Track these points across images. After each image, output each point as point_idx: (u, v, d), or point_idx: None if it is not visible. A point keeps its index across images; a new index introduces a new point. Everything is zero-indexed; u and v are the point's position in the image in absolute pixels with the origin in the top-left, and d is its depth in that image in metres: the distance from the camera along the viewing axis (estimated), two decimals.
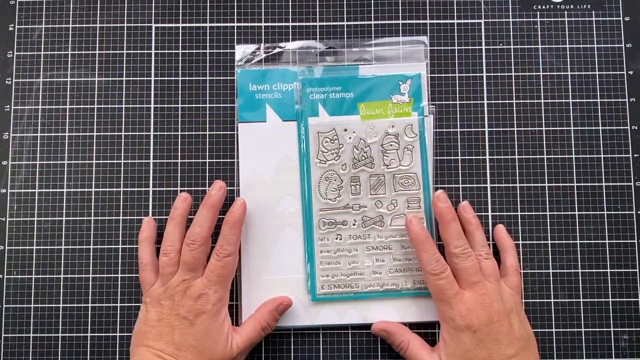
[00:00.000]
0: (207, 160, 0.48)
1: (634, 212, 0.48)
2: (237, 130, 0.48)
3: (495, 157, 0.48)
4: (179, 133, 0.49)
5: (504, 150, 0.48)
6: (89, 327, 0.47)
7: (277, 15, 0.50)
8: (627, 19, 0.50)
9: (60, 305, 0.47)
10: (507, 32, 0.50)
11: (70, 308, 0.47)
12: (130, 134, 0.49)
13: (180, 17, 0.50)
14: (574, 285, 0.47)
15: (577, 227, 0.48)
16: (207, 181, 0.48)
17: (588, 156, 0.48)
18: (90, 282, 0.47)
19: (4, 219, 0.48)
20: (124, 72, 0.49)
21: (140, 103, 0.49)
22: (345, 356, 0.47)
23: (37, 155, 0.49)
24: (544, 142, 0.49)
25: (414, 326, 0.47)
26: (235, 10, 0.50)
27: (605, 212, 0.48)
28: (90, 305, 0.47)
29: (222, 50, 0.50)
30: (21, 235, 0.48)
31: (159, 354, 0.42)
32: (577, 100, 0.49)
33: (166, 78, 0.49)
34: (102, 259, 0.48)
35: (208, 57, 0.50)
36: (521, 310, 0.44)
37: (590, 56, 0.49)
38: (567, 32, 0.50)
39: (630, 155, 0.48)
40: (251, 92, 0.48)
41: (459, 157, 0.48)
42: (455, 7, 0.50)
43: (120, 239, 0.48)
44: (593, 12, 0.50)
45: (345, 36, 0.50)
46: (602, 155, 0.48)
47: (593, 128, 0.49)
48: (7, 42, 0.50)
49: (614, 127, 0.49)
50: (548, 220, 0.48)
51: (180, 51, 0.50)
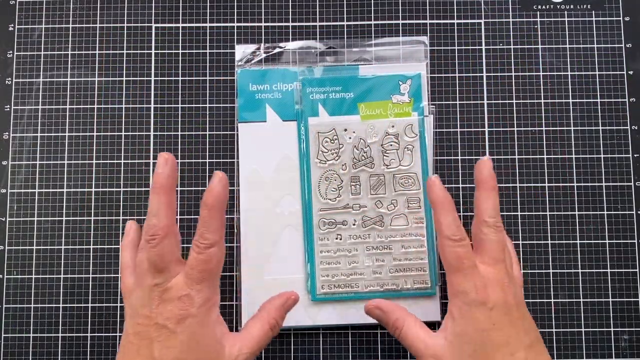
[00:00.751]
0: (207, 160, 0.48)
1: (634, 212, 0.48)
2: (237, 130, 0.48)
3: (495, 157, 0.48)
4: (179, 133, 0.49)
5: (504, 150, 0.48)
6: (89, 327, 0.47)
7: (277, 15, 0.50)
8: (627, 19, 0.50)
9: (60, 305, 0.47)
10: (507, 32, 0.50)
11: (70, 308, 0.47)
12: (130, 134, 0.49)
13: (180, 17, 0.50)
14: (574, 285, 0.47)
15: (577, 227, 0.48)
16: (207, 181, 0.48)
17: (588, 156, 0.48)
18: (90, 282, 0.47)
19: (4, 219, 0.48)
20: (124, 72, 0.49)
21: (140, 103, 0.49)
22: (345, 356, 0.47)
23: (37, 155, 0.49)
24: (544, 142, 0.49)
25: None
26: (235, 10, 0.50)
27: (605, 212, 0.48)
28: (90, 305, 0.47)
29: (222, 50, 0.50)
30: (21, 235, 0.48)
31: None
32: (577, 100, 0.49)
33: (166, 78, 0.49)
34: (102, 259, 0.48)
35: (208, 57, 0.50)
36: (524, 303, 0.40)
37: (590, 56, 0.49)
38: (567, 32, 0.50)
39: (630, 155, 0.48)
40: (251, 92, 0.48)
41: (459, 157, 0.48)
42: (455, 7, 0.50)
43: (120, 239, 0.48)
44: (593, 12, 0.50)
45: (345, 36, 0.50)
46: (602, 155, 0.48)
47: (593, 128, 0.49)
48: (7, 42, 0.50)
49: (614, 127, 0.49)
50: (548, 220, 0.48)
51: (180, 51, 0.50)
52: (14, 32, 0.50)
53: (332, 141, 0.47)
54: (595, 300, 0.47)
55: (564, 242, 0.48)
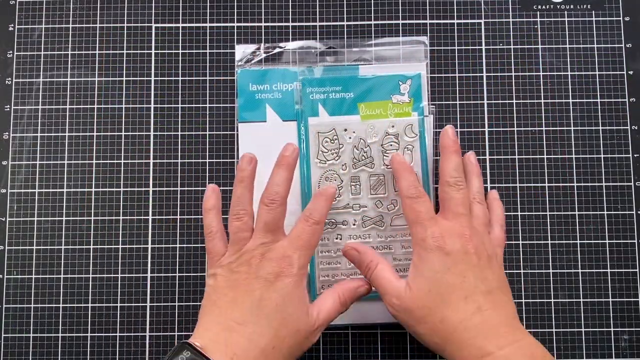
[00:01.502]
0: (207, 160, 0.48)
1: (634, 212, 0.48)
2: (237, 130, 0.48)
3: (495, 157, 0.48)
4: (179, 133, 0.49)
5: (504, 150, 0.48)
6: (89, 327, 0.47)
7: (277, 15, 0.50)
8: (627, 19, 0.50)
9: (60, 305, 0.47)
10: (507, 32, 0.50)
11: (70, 308, 0.47)
12: (130, 134, 0.49)
13: (180, 17, 0.50)
14: (574, 285, 0.47)
15: (577, 227, 0.48)
16: (207, 181, 0.48)
17: (588, 156, 0.48)
18: (90, 282, 0.47)
19: (4, 219, 0.48)
20: (124, 72, 0.49)
21: (140, 103, 0.49)
22: (346, 356, 0.47)
23: (37, 155, 0.49)
24: (544, 142, 0.49)
25: None
26: (235, 10, 0.50)
27: (605, 212, 0.48)
28: (90, 305, 0.47)
29: (222, 50, 0.50)
30: (21, 235, 0.48)
31: (229, 324, 0.37)
32: (577, 100, 0.49)
33: (166, 78, 0.49)
34: (102, 259, 0.48)
35: (208, 57, 0.50)
36: (501, 264, 0.42)
37: (590, 56, 0.49)
38: (567, 32, 0.50)
39: (630, 155, 0.48)
40: (251, 92, 0.48)
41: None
42: (455, 7, 0.50)
43: (120, 239, 0.48)
44: (593, 12, 0.50)
45: (345, 36, 0.50)
46: (602, 155, 0.48)
47: (593, 128, 0.49)
48: (7, 42, 0.50)
49: (614, 127, 0.49)
50: (548, 220, 0.48)
51: (180, 51, 0.50)
52: (14, 32, 0.50)
53: (332, 141, 0.47)
54: (595, 300, 0.47)
55: (564, 242, 0.48)
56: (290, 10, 0.50)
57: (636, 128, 0.49)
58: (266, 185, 0.42)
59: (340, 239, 0.46)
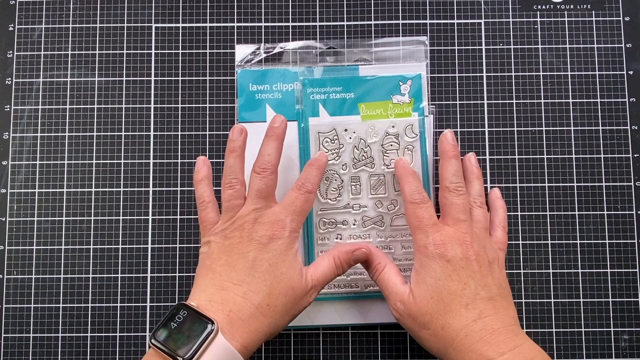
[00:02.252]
0: None
1: (634, 212, 0.48)
2: None
3: (495, 157, 0.48)
4: (179, 133, 0.49)
5: (504, 150, 0.48)
6: (89, 327, 0.47)
7: (277, 15, 0.50)
8: (627, 19, 0.50)
9: (60, 305, 0.47)
10: (507, 32, 0.50)
11: (70, 308, 0.47)
12: (130, 134, 0.49)
13: (180, 17, 0.50)
14: (574, 285, 0.47)
15: (577, 227, 0.48)
16: None
17: (588, 156, 0.48)
18: (90, 282, 0.47)
19: (4, 219, 0.48)
20: (124, 72, 0.49)
21: (140, 103, 0.49)
22: (345, 356, 0.47)
23: (37, 155, 0.49)
24: (544, 142, 0.49)
25: None
26: (235, 10, 0.50)
27: (605, 212, 0.48)
28: (90, 305, 0.47)
29: (222, 50, 0.50)
30: (21, 235, 0.48)
31: (225, 284, 0.38)
32: (577, 100, 0.49)
33: (166, 78, 0.49)
34: (102, 259, 0.48)
35: (208, 57, 0.50)
36: (503, 267, 0.42)
37: (590, 56, 0.49)
38: (567, 32, 0.50)
39: (630, 155, 0.48)
40: (251, 92, 0.48)
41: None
42: (455, 7, 0.50)
43: (120, 239, 0.48)
44: (593, 12, 0.50)
45: (345, 36, 0.50)
46: (602, 155, 0.48)
47: (593, 128, 0.49)
48: (7, 42, 0.50)
49: (614, 127, 0.49)
50: (548, 220, 0.48)
51: (180, 51, 0.50)
52: (14, 32, 0.50)
53: (333, 141, 0.47)
54: (595, 300, 0.47)
55: (564, 242, 0.48)
56: (290, 10, 0.50)
57: (636, 128, 0.49)
58: (257, 155, 0.43)
59: (341, 239, 0.46)
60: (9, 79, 0.49)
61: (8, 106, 0.49)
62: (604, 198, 0.48)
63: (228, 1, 0.50)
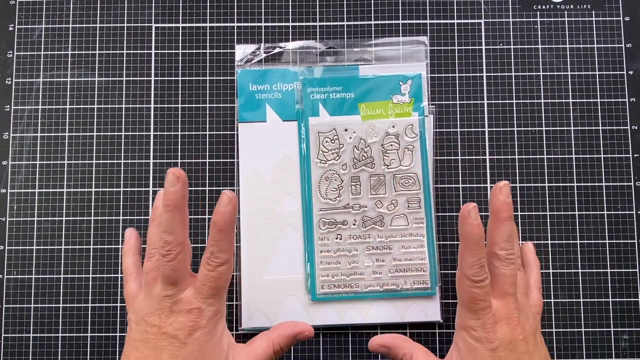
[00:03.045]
0: (207, 160, 0.48)
1: (634, 212, 0.48)
2: (237, 130, 0.48)
3: (495, 157, 0.48)
4: (179, 133, 0.49)
5: (504, 150, 0.48)
6: (89, 327, 0.47)
7: (277, 15, 0.50)
8: (627, 19, 0.50)
9: (60, 305, 0.47)
10: (507, 32, 0.50)
11: (70, 308, 0.47)
12: (130, 134, 0.49)
13: (180, 17, 0.50)
14: (574, 285, 0.47)
15: (577, 227, 0.48)
16: (207, 181, 0.48)
17: (588, 156, 0.48)
18: (90, 282, 0.47)
19: (4, 219, 0.48)
20: (124, 72, 0.49)
21: (140, 103, 0.49)
22: (345, 356, 0.47)
23: (37, 155, 0.49)
24: (544, 142, 0.49)
25: (414, 326, 0.47)
26: (235, 10, 0.50)
27: (605, 212, 0.48)
28: (90, 305, 0.47)
29: (222, 50, 0.50)
30: (21, 235, 0.48)
31: None
32: (577, 100, 0.49)
33: (166, 78, 0.49)
34: (102, 259, 0.48)
35: (208, 57, 0.50)
36: (540, 330, 0.40)
37: (590, 56, 0.49)
38: (567, 32, 0.50)
39: (630, 155, 0.48)
40: (251, 92, 0.48)
41: (459, 157, 0.48)
42: (455, 7, 0.50)
43: (120, 239, 0.48)
44: (593, 12, 0.50)
45: (345, 36, 0.50)
46: (602, 155, 0.48)
47: (593, 128, 0.49)
48: (7, 42, 0.50)
49: (614, 127, 0.49)
50: (548, 220, 0.48)
51: (180, 51, 0.50)
52: (14, 32, 0.50)
53: (333, 141, 0.47)
54: (595, 300, 0.47)
55: (564, 242, 0.48)
56: (290, 10, 0.50)
57: (636, 128, 0.49)
58: (160, 233, 0.38)
59: (340, 239, 0.46)
60: (9, 79, 0.49)
61: (8, 106, 0.49)
62: (604, 198, 0.48)
63: (228, 1, 0.50)
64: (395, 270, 0.46)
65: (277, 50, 0.49)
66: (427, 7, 0.50)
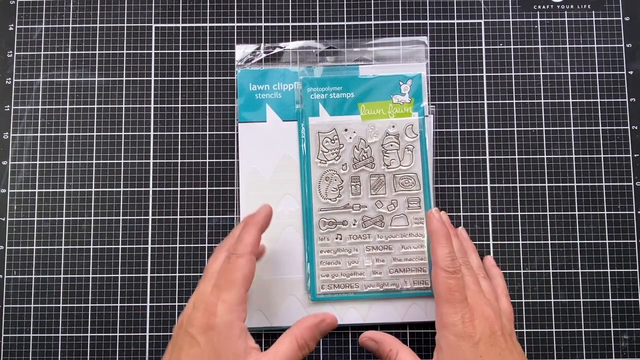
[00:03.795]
0: (207, 160, 0.48)
1: (634, 212, 0.48)
2: (237, 130, 0.48)
3: (495, 157, 0.48)
4: (179, 133, 0.49)
5: (504, 150, 0.48)
6: (89, 327, 0.47)
7: (277, 15, 0.50)
8: (627, 19, 0.50)
9: (60, 305, 0.47)
10: (507, 32, 0.50)
11: (70, 308, 0.47)
12: (130, 134, 0.49)
13: (180, 17, 0.50)
14: (574, 285, 0.47)
15: (577, 227, 0.48)
16: (207, 181, 0.48)
17: (588, 156, 0.48)
18: (90, 282, 0.47)
19: (4, 219, 0.48)
20: (124, 72, 0.49)
21: (140, 103, 0.49)
22: (346, 356, 0.47)
23: (37, 155, 0.49)
24: (544, 142, 0.49)
25: (414, 326, 0.47)
26: (235, 10, 0.50)
27: (605, 212, 0.48)
28: (90, 305, 0.47)
29: (222, 50, 0.50)
30: (21, 235, 0.48)
31: None
32: (577, 100, 0.49)
33: (166, 78, 0.49)
34: (102, 259, 0.48)
35: (208, 57, 0.50)
36: (515, 336, 0.41)
37: (590, 56, 0.49)
38: (567, 32, 0.50)
39: (630, 155, 0.48)
40: (251, 92, 0.48)
41: (459, 157, 0.48)
42: (455, 7, 0.50)
43: (120, 239, 0.48)
44: (593, 12, 0.50)
45: (345, 36, 0.49)
46: (602, 155, 0.48)
47: (593, 128, 0.49)
48: (7, 42, 0.50)
49: (614, 127, 0.49)
50: (548, 220, 0.48)
51: (180, 51, 0.50)
52: (14, 32, 0.50)
53: (333, 141, 0.47)
54: (595, 300, 0.47)
55: (564, 242, 0.48)
56: (290, 10, 0.50)
57: (636, 128, 0.49)
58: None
59: (340, 239, 0.46)
60: (9, 79, 0.49)
61: (8, 106, 0.49)
62: (604, 198, 0.48)
63: (228, 1, 0.50)
64: (395, 270, 0.46)
65: (277, 50, 0.49)
66: (427, 7, 0.50)
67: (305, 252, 0.47)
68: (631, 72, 0.49)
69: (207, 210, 0.48)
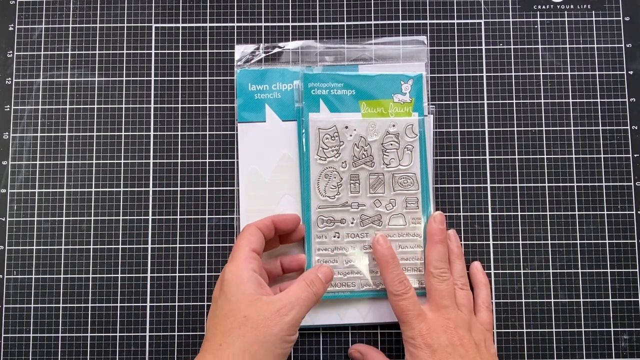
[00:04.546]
0: (207, 160, 0.48)
1: (634, 212, 0.48)
2: (237, 130, 0.48)
3: (495, 157, 0.48)
4: (179, 133, 0.49)
5: (504, 150, 0.48)
6: (89, 327, 0.47)
7: (277, 15, 0.50)
8: (627, 19, 0.50)
9: (60, 305, 0.47)
10: (507, 32, 0.50)
11: (70, 308, 0.47)
12: (130, 134, 0.49)
13: (180, 17, 0.50)
14: (574, 285, 0.47)
15: (577, 227, 0.48)
16: (207, 181, 0.48)
17: (588, 156, 0.48)
18: (90, 282, 0.47)
19: (4, 219, 0.48)
20: (124, 72, 0.49)
21: (140, 103, 0.49)
22: (345, 356, 0.47)
23: (37, 155, 0.49)
24: (544, 142, 0.49)
25: None
26: (235, 10, 0.50)
27: (605, 212, 0.48)
28: (90, 305, 0.47)
29: (222, 50, 0.50)
30: (21, 235, 0.48)
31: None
32: (577, 100, 0.49)
33: (166, 78, 0.49)
34: (102, 259, 0.48)
35: (208, 57, 0.50)
36: (491, 346, 0.43)
37: (590, 56, 0.49)
38: (567, 32, 0.50)
39: (630, 155, 0.48)
40: (251, 92, 0.48)
41: (459, 157, 0.48)
42: (455, 7, 0.50)
43: (120, 239, 0.48)
44: (593, 12, 0.50)
45: (345, 36, 0.49)
46: (602, 155, 0.48)
47: (593, 128, 0.49)
48: (7, 42, 0.50)
49: (614, 127, 0.49)
50: (548, 220, 0.48)
51: (180, 51, 0.50)
52: (14, 32, 0.50)
53: (333, 138, 0.47)
54: (595, 300, 0.47)
55: (564, 242, 0.48)
56: (290, 10, 0.50)
57: (636, 128, 0.49)
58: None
59: (338, 237, 0.46)
60: (9, 79, 0.49)
61: (8, 106, 0.49)
62: (604, 198, 0.48)
63: (228, 1, 0.50)
64: None
65: (276, 50, 0.49)
66: (427, 7, 0.50)
67: (304, 250, 0.47)
68: (631, 72, 0.49)
69: (207, 210, 0.48)
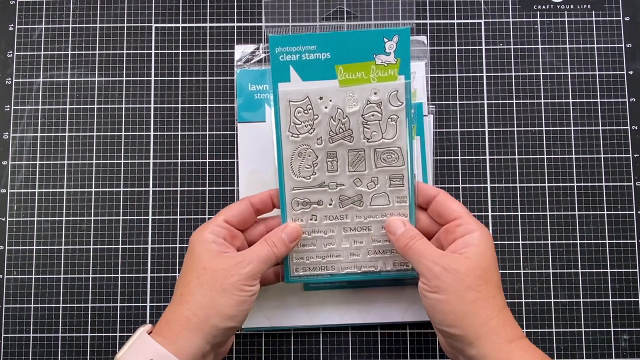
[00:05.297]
0: (207, 160, 0.48)
1: (634, 212, 0.48)
2: (237, 130, 0.48)
3: (495, 157, 0.48)
4: (179, 133, 0.49)
5: (504, 150, 0.48)
6: (89, 327, 0.47)
7: (276, 15, 0.50)
8: (627, 19, 0.50)
9: (60, 305, 0.47)
10: (507, 32, 0.50)
11: (70, 308, 0.47)
12: (130, 134, 0.49)
13: (180, 17, 0.50)
14: (574, 285, 0.47)
15: (577, 227, 0.48)
16: (207, 181, 0.48)
17: (588, 156, 0.48)
18: (90, 282, 0.47)
19: (4, 219, 0.48)
20: (124, 72, 0.49)
21: (140, 103, 0.49)
22: (346, 356, 0.47)
23: (37, 155, 0.49)
24: (544, 142, 0.49)
25: (414, 326, 0.47)
26: (235, 10, 0.50)
27: (605, 212, 0.48)
28: (90, 305, 0.47)
29: (221, 50, 0.50)
30: (21, 235, 0.48)
31: None
32: (577, 100, 0.49)
33: (166, 78, 0.49)
34: (102, 259, 0.48)
35: (208, 57, 0.50)
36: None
37: (590, 56, 0.49)
38: (567, 32, 0.50)
39: (630, 155, 0.48)
40: (250, 92, 0.48)
41: (459, 157, 0.48)
42: (455, 7, 0.50)
43: (120, 239, 0.48)
44: (593, 12, 0.50)
45: None
46: (602, 155, 0.48)
47: (593, 128, 0.49)
48: (7, 42, 0.50)
49: (614, 127, 0.49)
50: (548, 220, 0.48)
51: (180, 51, 0.50)
52: (14, 32, 0.50)
53: (306, 111, 0.41)
54: (595, 300, 0.47)
55: (564, 242, 0.48)
56: (290, 10, 0.50)
57: (636, 128, 0.49)
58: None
59: (316, 220, 0.43)
60: (9, 79, 0.49)
61: (8, 106, 0.49)
62: (604, 198, 0.48)
63: (228, 1, 0.50)
64: (374, 252, 0.43)
65: None
66: (427, 7, 0.50)
67: None
68: (631, 72, 0.49)
69: (207, 210, 0.48)
